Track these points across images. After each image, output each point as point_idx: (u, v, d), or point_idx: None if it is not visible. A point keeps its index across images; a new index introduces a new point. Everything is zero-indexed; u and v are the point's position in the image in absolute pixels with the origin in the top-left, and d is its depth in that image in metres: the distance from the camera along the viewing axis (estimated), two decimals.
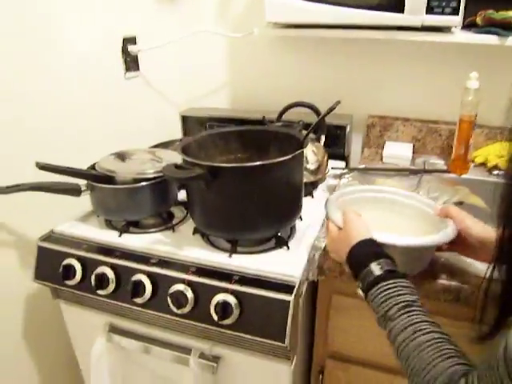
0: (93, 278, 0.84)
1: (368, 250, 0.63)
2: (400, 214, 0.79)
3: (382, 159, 1.27)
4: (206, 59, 1.47)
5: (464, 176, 1.16)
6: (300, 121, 1.17)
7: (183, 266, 0.81)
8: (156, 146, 1.26)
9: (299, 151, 0.81)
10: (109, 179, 0.93)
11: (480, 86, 1.08)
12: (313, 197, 1.07)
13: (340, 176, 1.05)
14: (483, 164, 1.22)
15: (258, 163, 0.75)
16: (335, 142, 1.28)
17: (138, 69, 1.32)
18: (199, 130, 1.42)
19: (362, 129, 1.38)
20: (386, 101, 1.34)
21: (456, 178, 1.15)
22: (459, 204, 0.94)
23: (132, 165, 0.97)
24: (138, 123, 1.32)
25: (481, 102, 1.10)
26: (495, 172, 1.17)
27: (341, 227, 0.69)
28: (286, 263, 0.80)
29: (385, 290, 0.57)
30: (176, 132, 1.44)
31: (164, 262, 0.83)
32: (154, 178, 0.92)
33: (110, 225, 0.98)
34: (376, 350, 0.86)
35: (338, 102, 0.78)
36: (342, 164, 1.29)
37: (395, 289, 0.56)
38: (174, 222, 0.99)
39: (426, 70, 1.27)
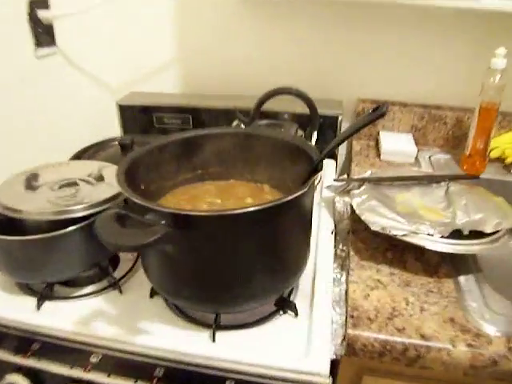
0: None
1: None
2: None
3: (379, 156, 1.03)
4: (148, 28, 1.12)
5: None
6: (285, 113, 0.89)
7: (143, 367, 0.52)
8: (85, 151, 0.92)
9: (314, 177, 0.53)
10: (13, 222, 0.61)
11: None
12: None
13: (347, 191, 0.78)
14: (498, 159, 1.01)
15: (252, 208, 0.46)
16: (323, 137, 1.01)
17: (53, 43, 0.96)
18: (143, 123, 1.09)
19: (351, 116, 1.12)
20: (380, 81, 1.09)
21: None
22: None
23: (49, 195, 0.65)
24: (58, 119, 0.96)
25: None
26: None
27: None
28: (301, 346, 0.53)
29: None
30: (112, 127, 1.10)
31: (111, 360, 0.53)
32: (87, 217, 0.61)
33: (22, 286, 0.65)
34: None
35: (386, 105, 0.48)
36: (332, 164, 1.03)
37: None
38: (118, 273, 0.68)
39: (430, 43, 1.03)
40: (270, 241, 0.51)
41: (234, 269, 0.51)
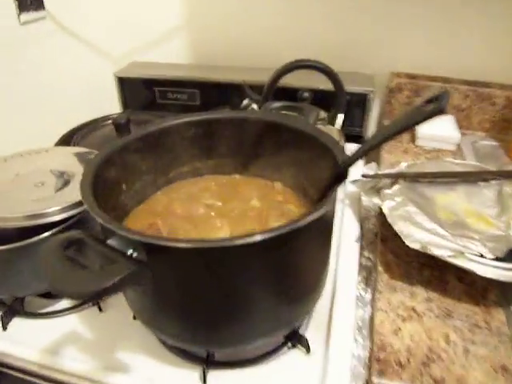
0: None
1: None
2: None
3: (414, 141, 0.89)
4: None
5: None
6: (305, 90, 0.75)
7: None
8: (74, 132, 0.81)
9: (338, 187, 0.41)
10: None
11: None
12: None
13: (377, 189, 0.65)
14: None
15: (258, 238, 0.33)
16: (350, 117, 0.87)
17: (41, 7, 0.84)
18: (145, 98, 0.96)
19: (382, 93, 0.97)
20: (418, 52, 0.93)
21: None
22: None
23: (20, 194, 0.54)
24: (48, 94, 0.85)
25: None
26: None
27: None
28: None
29: None
30: (111, 103, 0.98)
31: None
32: (64, 221, 0.51)
33: None
34: None
35: (446, 96, 0.34)
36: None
37: None
38: None
39: (479, 7, 0.85)
40: (277, 270, 0.40)
41: (231, 305, 0.39)
